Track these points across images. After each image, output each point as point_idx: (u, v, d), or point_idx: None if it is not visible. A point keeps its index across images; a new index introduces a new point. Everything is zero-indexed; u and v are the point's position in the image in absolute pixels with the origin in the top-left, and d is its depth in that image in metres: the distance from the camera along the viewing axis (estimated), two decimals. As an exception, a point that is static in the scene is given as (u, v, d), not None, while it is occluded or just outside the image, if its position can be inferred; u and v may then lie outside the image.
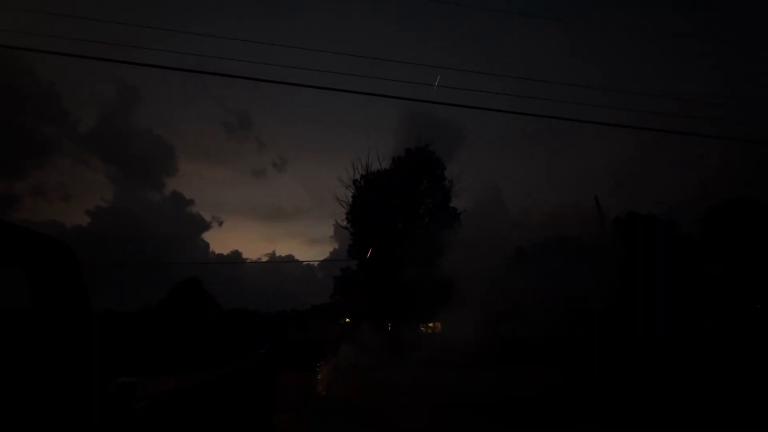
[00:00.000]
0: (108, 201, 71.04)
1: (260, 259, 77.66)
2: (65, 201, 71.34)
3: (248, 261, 64.96)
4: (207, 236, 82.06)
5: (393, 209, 30.98)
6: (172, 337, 29.63)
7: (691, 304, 22.17)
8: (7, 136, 53.78)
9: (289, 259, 65.86)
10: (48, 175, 71.78)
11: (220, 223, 78.46)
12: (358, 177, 32.63)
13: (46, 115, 69.25)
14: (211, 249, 70.27)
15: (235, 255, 65.10)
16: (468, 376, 18.16)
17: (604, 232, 24.49)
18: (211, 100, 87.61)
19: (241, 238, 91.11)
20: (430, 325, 27.44)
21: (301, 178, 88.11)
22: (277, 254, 78.99)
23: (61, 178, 75.63)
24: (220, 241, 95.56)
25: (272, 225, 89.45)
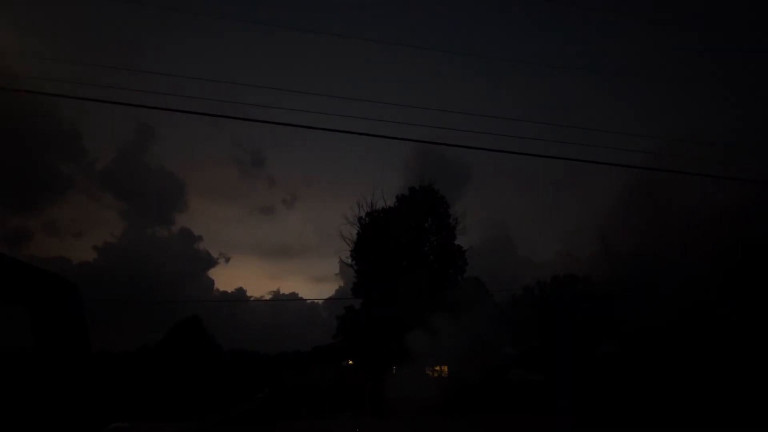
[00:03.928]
0: (117, 237, 71.50)
1: (263, 296, 76.47)
2: (75, 237, 71.88)
3: (251, 299, 63.90)
4: (213, 273, 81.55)
5: (397, 247, 30.81)
6: (168, 380, 28.58)
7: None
8: (27, 174, 55.38)
9: (293, 297, 64.63)
10: (61, 212, 73.01)
11: (227, 260, 78.30)
12: (363, 215, 32.83)
13: (65, 153, 71.59)
14: (215, 286, 69.44)
15: (240, 292, 64.06)
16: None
17: (612, 272, 24.05)
18: (225, 138, 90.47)
19: (247, 276, 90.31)
20: (437, 368, 26.33)
21: (309, 215, 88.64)
22: (282, 292, 77.73)
23: (74, 214, 76.77)
24: (226, 279, 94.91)
25: (278, 262, 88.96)
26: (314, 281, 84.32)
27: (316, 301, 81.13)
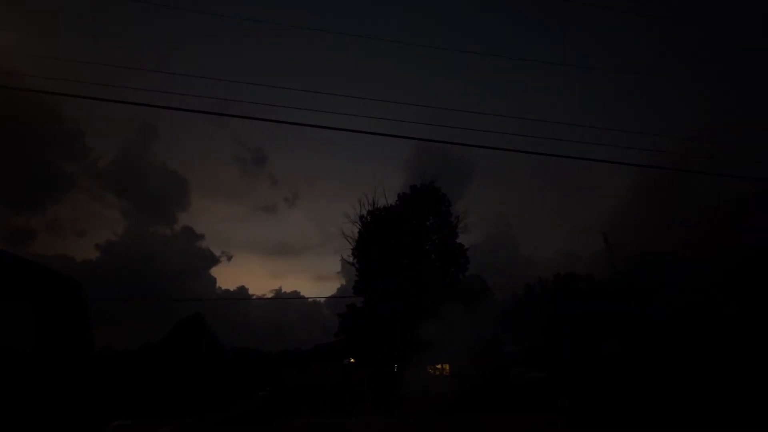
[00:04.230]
0: (120, 235, 71.75)
1: (265, 295, 76.55)
2: (78, 236, 72.27)
3: (253, 297, 64.09)
4: (215, 271, 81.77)
5: (399, 245, 30.80)
6: (171, 378, 28.70)
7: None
8: (31, 173, 55.80)
9: (295, 296, 64.78)
10: (64, 211, 73.31)
11: (229, 258, 78.45)
12: (364, 213, 32.82)
13: (68, 152, 71.87)
14: (218, 284, 69.65)
15: (242, 291, 64.26)
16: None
17: (615, 270, 23.99)
18: (227, 136, 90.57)
19: (249, 274, 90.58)
20: (438, 366, 26.34)
21: (310, 213, 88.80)
22: (284, 290, 78.01)
23: (77, 213, 77.06)
24: (228, 277, 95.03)
25: (280, 261, 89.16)
26: (316, 279, 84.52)
27: (317, 299, 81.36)
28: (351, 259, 32.75)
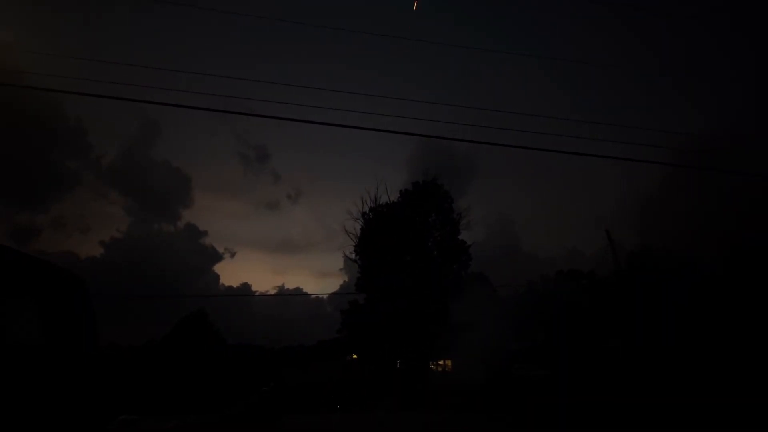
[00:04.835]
0: (123, 232, 72.05)
1: (268, 291, 76.86)
2: (82, 233, 72.63)
3: (256, 294, 64.40)
4: (218, 268, 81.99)
5: (401, 242, 30.86)
6: (175, 374, 28.97)
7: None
8: (35, 171, 56.10)
9: (298, 292, 64.96)
10: (68, 208, 73.65)
11: (233, 255, 78.57)
12: (366, 210, 32.87)
13: (71, 150, 72.09)
14: (221, 281, 69.70)
15: (245, 287, 64.46)
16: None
17: (618, 267, 23.93)
18: (230, 133, 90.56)
19: (252, 270, 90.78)
20: (440, 362, 26.44)
21: (313, 210, 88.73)
22: (287, 287, 78.16)
23: (80, 210, 77.34)
24: (231, 273, 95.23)
25: (283, 257, 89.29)
26: (319, 276, 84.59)
27: (320, 296, 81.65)
28: (353, 256, 32.85)
